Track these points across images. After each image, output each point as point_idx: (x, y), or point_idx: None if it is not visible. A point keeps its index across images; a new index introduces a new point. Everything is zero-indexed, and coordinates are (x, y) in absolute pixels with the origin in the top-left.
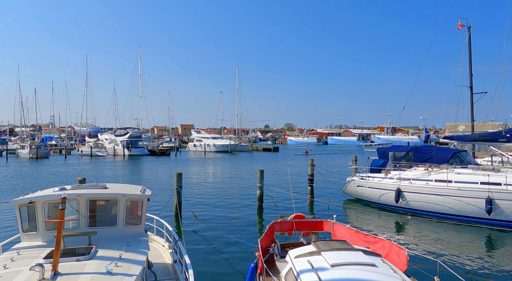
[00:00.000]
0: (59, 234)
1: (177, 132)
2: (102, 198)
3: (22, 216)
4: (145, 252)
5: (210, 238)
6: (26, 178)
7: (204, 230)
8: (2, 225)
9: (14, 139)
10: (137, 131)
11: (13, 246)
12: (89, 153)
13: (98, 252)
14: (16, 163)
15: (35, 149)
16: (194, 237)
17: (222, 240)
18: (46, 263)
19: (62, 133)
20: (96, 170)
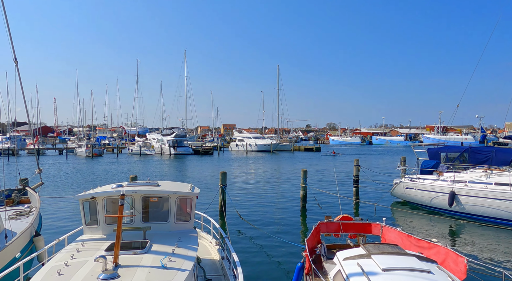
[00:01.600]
0: (119, 229)
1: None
2: (155, 195)
3: (85, 210)
4: (196, 248)
5: (254, 237)
6: (83, 174)
7: (248, 228)
8: (67, 218)
9: (72, 139)
10: (182, 131)
11: (77, 237)
12: (138, 152)
13: (152, 247)
14: (74, 160)
15: (90, 147)
16: (239, 235)
17: (266, 239)
18: (107, 255)
19: (114, 133)
20: (144, 168)
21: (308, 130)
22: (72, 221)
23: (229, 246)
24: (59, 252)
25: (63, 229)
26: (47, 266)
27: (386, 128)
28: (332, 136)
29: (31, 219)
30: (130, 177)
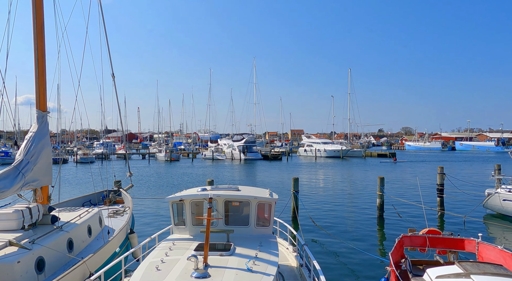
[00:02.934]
0: (207, 230)
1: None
2: (236, 199)
3: (174, 211)
4: (277, 254)
5: (329, 245)
6: (163, 177)
7: (323, 236)
8: (155, 217)
9: (153, 145)
10: (252, 137)
11: (166, 236)
12: (211, 157)
13: (236, 249)
14: (155, 164)
15: (169, 152)
16: (313, 242)
17: (342, 248)
18: (197, 254)
19: (189, 139)
20: (217, 172)
21: (381, 136)
22: (158, 220)
23: (309, 253)
24: (154, 249)
25: (151, 227)
26: (146, 262)
27: (472, 132)
28: (408, 142)
29: (126, 218)
30: (207, 181)
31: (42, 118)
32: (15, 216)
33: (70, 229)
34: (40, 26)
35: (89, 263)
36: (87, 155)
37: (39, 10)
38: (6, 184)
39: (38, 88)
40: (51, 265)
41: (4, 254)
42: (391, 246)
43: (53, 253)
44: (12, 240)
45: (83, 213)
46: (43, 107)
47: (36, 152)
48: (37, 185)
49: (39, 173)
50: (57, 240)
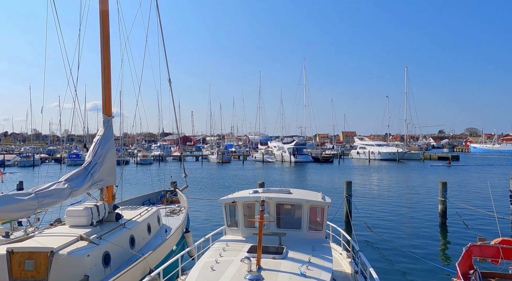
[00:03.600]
0: (260, 233)
1: (339, 139)
2: (288, 202)
3: (227, 213)
4: (331, 259)
5: (386, 252)
6: (216, 178)
7: (378, 242)
8: (208, 217)
9: (206, 147)
10: (302, 139)
11: (219, 236)
12: (261, 159)
13: (289, 253)
14: (207, 166)
15: (220, 155)
16: (368, 248)
17: (400, 256)
18: (251, 257)
19: (240, 142)
20: (267, 174)
21: (441, 137)
22: (211, 221)
23: (364, 260)
24: (209, 249)
25: (205, 227)
26: (201, 261)
27: None
28: (473, 144)
29: (182, 217)
30: (258, 183)
31: (107, 122)
32: (85, 212)
33: (132, 227)
34: (106, 38)
35: (149, 260)
36: (146, 156)
37: (105, 24)
38: (77, 183)
39: (104, 95)
40: (115, 259)
41: (76, 247)
42: (456, 256)
43: (117, 249)
44: (83, 235)
45: (143, 212)
46: (109, 113)
47: (102, 153)
48: (103, 185)
49: (105, 173)
50: (121, 236)
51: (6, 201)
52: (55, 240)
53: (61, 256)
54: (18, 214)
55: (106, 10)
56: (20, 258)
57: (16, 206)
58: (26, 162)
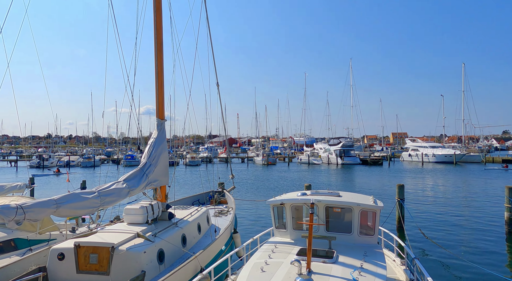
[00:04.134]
0: (310, 236)
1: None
2: (338, 205)
3: (275, 215)
4: (385, 266)
5: (443, 260)
6: (261, 180)
7: (434, 249)
8: (255, 218)
9: (251, 149)
10: (349, 141)
11: (266, 238)
12: (306, 161)
13: (339, 257)
14: (253, 168)
15: (266, 156)
16: (423, 256)
17: (461, 266)
18: (300, 259)
19: (285, 143)
20: (313, 177)
21: (506, 138)
22: (258, 222)
23: (421, 268)
24: (258, 250)
25: (252, 228)
26: (250, 262)
27: None
28: None
29: (230, 218)
30: (305, 185)
31: (160, 125)
32: (141, 211)
33: (184, 226)
34: (160, 47)
35: (200, 258)
36: (195, 158)
37: (159, 33)
38: (134, 183)
39: (157, 100)
40: (169, 257)
41: (134, 244)
42: None
43: (171, 247)
44: (140, 232)
45: (193, 212)
46: (162, 116)
47: (156, 155)
48: (157, 185)
49: (159, 174)
50: (174, 235)
51: (74, 199)
52: (115, 236)
53: (121, 251)
54: (84, 211)
55: (160, 21)
56: (86, 251)
57: (82, 203)
58: (88, 163)
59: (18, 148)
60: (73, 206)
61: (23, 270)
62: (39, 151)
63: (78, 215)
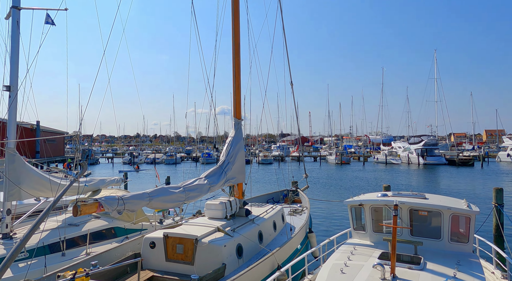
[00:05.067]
0: (394, 239)
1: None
2: (425, 208)
3: (352, 215)
4: (483, 277)
5: None
6: (335, 180)
7: None
8: (330, 219)
9: (324, 148)
10: (433, 139)
11: (343, 239)
12: (384, 160)
13: (427, 265)
14: (326, 167)
15: (339, 155)
16: None
17: None
18: (384, 264)
19: (359, 142)
20: (391, 177)
21: None
22: (333, 222)
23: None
24: (336, 251)
25: (326, 228)
26: (329, 263)
27: None
28: None
29: (305, 217)
30: (383, 186)
31: (237, 125)
32: (221, 206)
33: (260, 223)
34: (237, 48)
35: (276, 256)
36: (267, 156)
37: (236, 36)
38: (214, 180)
39: (234, 100)
40: (246, 252)
41: (215, 237)
42: None
43: (248, 242)
44: (220, 227)
45: (269, 209)
46: (239, 116)
47: (234, 153)
48: (234, 182)
49: (236, 171)
50: (251, 231)
51: (164, 192)
52: (198, 229)
53: (203, 244)
54: (171, 204)
55: (238, 24)
56: (173, 242)
57: (170, 197)
58: (170, 160)
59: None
60: (163, 199)
61: (121, 255)
62: (130, 149)
63: (166, 207)
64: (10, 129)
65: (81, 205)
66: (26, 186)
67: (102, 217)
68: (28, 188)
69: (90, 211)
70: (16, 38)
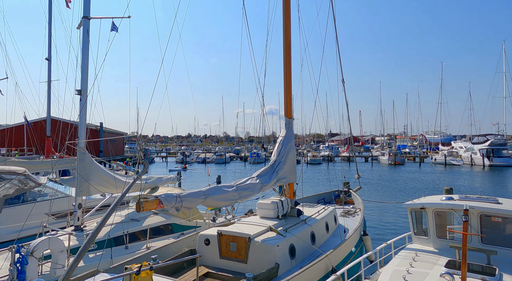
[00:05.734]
0: (464, 247)
1: None
2: (499, 214)
3: (413, 219)
4: None
5: None
6: (388, 181)
7: None
8: (385, 222)
9: (376, 147)
10: (500, 138)
11: (401, 243)
12: (442, 161)
13: (503, 276)
14: (378, 167)
15: (393, 156)
16: None
17: None
18: (452, 273)
19: (414, 142)
20: (452, 179)
21: None
22: (388, 225)
23: None
24: (395, 256)
25: (381, 231)
26: (388, 269)
27: None
28: None
29: (359, 219)
30: (445, 188)
31: (288, 124)
32: (273, 206)
33: (313, 223)
34: (289, 47)
35: (330, 258)
36: (316, 156)
37: (287, 36)
38: (266, 179)
39: (285, 99)
40: (299, 253)
41: (268, 237)
42: None
43: (301, 243)
44: (272, 226)
45: (321, 210)
46: (290, 115)
47: (285, 153)
48: (286, 181)
49: (287, 171)
50: (303, 231)
51: (218, 191)
52: (251, 228)
53: (256, 243)
54: (225, 203)
55: (289, 23)
56: (227, 240)
57: (224, 196)
58: (220, 160)
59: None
60: (217, 198)
61: (178, 250)
62: (182, 148)
63: (220, 206)
64: (81, 130)
65: (144, 201)
66: (94, 183)
67: (160, 213)
68: (95, 184)
69: (151, 207)
70: (86, 45)
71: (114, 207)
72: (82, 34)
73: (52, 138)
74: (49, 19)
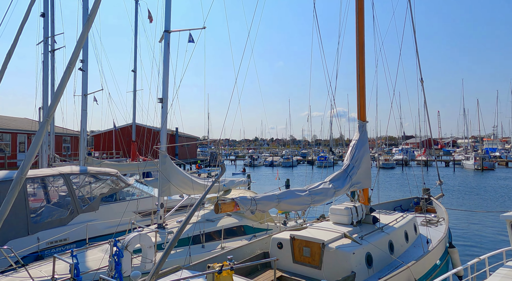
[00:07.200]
0: None
1: None
2: None
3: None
4: None
5: None
6: (474, 188)
7: None
8: (473, 234)
9: (458, 151)
10: None
11: (497, 259)
12: None
13: None
14: (461, 173)
15: (479, 160)
16: None
17: None
18: None
19: (506, 144)
20: None
21: None
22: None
23: None
24: (493, 274)
25: (466, 244)
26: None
27: None
28: None
29: (443, 229)
30: None
31: (362, 127)
32: (347, 212)
33: (390, 232)
34: (362, 48)
35: (412, 270)
36: (388, 160)
37: (361, 36)
38: (339, 184)
39: (359, 102)
40: (376, 262)
41: (342, 244)
42: None
43: (378, 252)
44: (346, 233)
45: (399, 218)
46: (363, 118)
47: (359, 157)
48: (359, 187)
49: (361, 176)
50: (381, 240)
51: (291, 195)
52: (324, 234)
53: (331, 249)
54: (298, 207)
55: (362, 23)
56: (300, 244)
57: (297, 200)
58: (287, 163)
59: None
60: (290, 202)
61: (251, 252)
62: (250, 152)
63: (293, 210)
64: (163, 135)
65: (221, 203)
66: (174, 184)
67: (233, 215)
68: (176, 186)
69: (228, 209)
70: (167, 57)
71: (195, 207)
72: (164, 47)
73: (137, 143)
74: (135, 35)
